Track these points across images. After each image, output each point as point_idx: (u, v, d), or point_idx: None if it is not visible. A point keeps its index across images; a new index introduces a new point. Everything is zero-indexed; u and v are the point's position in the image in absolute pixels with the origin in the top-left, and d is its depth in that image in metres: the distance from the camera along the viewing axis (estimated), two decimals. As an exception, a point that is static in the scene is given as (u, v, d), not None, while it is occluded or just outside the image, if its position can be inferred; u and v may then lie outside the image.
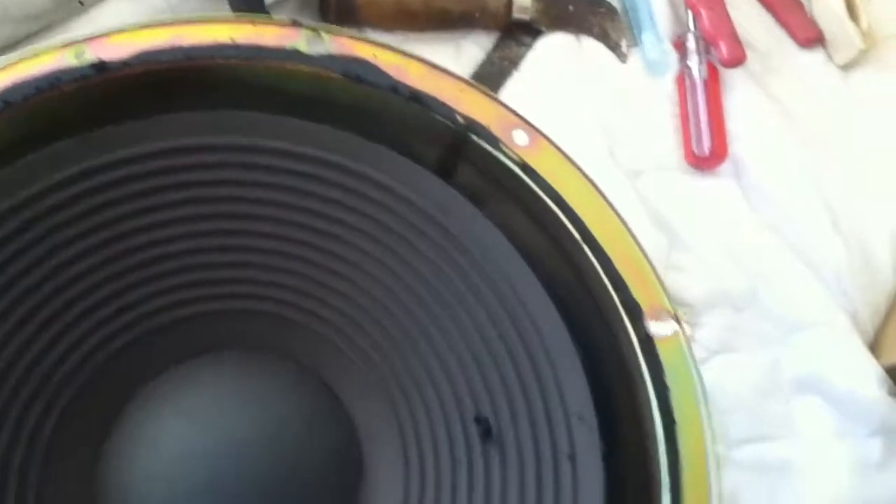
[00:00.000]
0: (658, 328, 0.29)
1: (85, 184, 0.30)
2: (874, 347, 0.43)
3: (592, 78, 0.45)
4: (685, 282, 0.43)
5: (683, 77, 0.46)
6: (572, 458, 0.28)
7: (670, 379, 0.29)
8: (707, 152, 0.44)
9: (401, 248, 0.31)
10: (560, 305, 0.30)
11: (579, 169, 0.31)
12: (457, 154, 0.32)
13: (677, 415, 0.29)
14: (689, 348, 0.29)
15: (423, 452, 0.31)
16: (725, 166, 0.44)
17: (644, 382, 0.29)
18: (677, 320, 0.30)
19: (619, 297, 0.30)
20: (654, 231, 0.43)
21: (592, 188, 0.31)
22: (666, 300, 0.30)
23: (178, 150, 0.31)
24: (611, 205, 0.30)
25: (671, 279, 0.42)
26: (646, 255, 0.30)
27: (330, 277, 0.32)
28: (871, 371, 0.41)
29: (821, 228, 0.43)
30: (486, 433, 0.30)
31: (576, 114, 0.44)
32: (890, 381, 0.41)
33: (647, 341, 0.29)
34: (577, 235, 0.30)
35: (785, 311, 0.42)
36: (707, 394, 0.29)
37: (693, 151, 0.44)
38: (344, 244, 0.31)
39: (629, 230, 0.30)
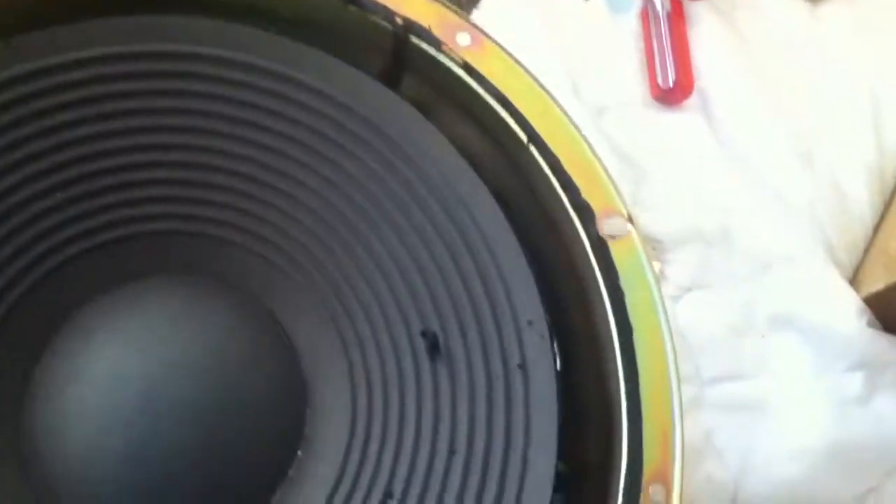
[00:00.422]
0: (610, 229, 0.28)
1: (12, 93, 0.29)
2: (853, 282, 0.41)
3: (554, 16, 0.44)
4: (654, 218, 0.41)
5: (647, 12, 0.45)
6: (523, 367, 0.27)
7: (625, 282, 0.28)
8: (672, 84, 0.43)
9: (340, 158, 0.29)
10: (508, 211, 0.29)
11: (526, 70, 0.29)
12: (400, 63, 0.31)
13: (634, 320, 0.27)
14: (644, 250, 0.28)
15: (370, 373, 0.29)
16: (692, 101, 0.43)
17: (597, 287, 0.28)
18: (631, 221, 0.28)
19: (568, 198, 0.28)
20: (621, 167, 0.41)
21: (540, 89, 0.29)
22: (618, 201, 0.28)
23: (106, 59, 0.29)
24: (560, 106, 0.29)
25: (639, 217, 0.41)
26: (597, 156, 0.29)
27: (268, 193, 0.30)
28: (849, 302, 0.39)
29: (790, 162, 0.42)
30: (434, 348, 0.28)
31: (537, 51, 0.43)
32: (870, 313, 0.40)
33: (600, 244, 0.28)
34: (523, 137, 0.29)
35: (757, 247, 0.41)
36: (663, 298, 0.27)
37: (658, 84, 0.43)
38: (281, 157, 0.30)
39: (579, 132, 0.29)
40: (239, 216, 0.30)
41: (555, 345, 0.27)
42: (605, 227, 0.28)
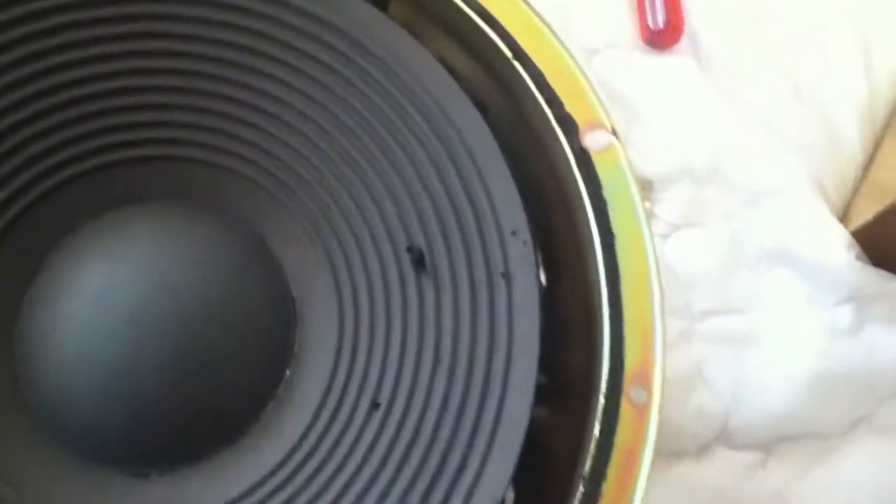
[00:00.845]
0: (593, 141, 0.28)
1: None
2: (842, 220, 0.41)
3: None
4: (645, 158, 0.41)
5: (637, -46, 0.45)
6: (507, 275, 0.27)
7: (608, 193, 0.28)
8: (662, 26, 0.43)
9: (326, 77, 0.30)
10: (493, 127, 0.29)
11: (508, -13, 0.30)
12: (386, -14, 0.31)
13: (616, 228, 0.28)
14: (627, 163, 0.28)
15: (357, 290, 0.29)
16: (682, 44, 0.43)
17: (580, 197, 0.28)
18: (615, 134, 0.28)
19: (552, 112, 0.28)
20: (611, 108, 0.41)
21: (523, 5, 0.29)
22: (602, 115, 0.28)
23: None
24: (545, 22, 0.29)
25: (630, 156, 0.41)
26: (582, 72, 0.29)
27: (253, 114, 0.30)
28: (838, 237, 0.40)
29: (781, 99, 0.42)
30: (419, 262, 0.28)
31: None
32: (858, 247, 0.40)
33: (583, 155, 0.28)
34: (508, 53, 0.29)
35: (748, 182, 0.41)
36: (646, 212, 0.28)
37: (648, 27, 0.43)
38: (266, 78, 0.30)
39: (564, 46, 0.29)
40: (226, 140, 0.31)
41: (538, 256, 0.28)
42: (589, 139, 0.28)
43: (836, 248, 0.39)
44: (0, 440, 0.28)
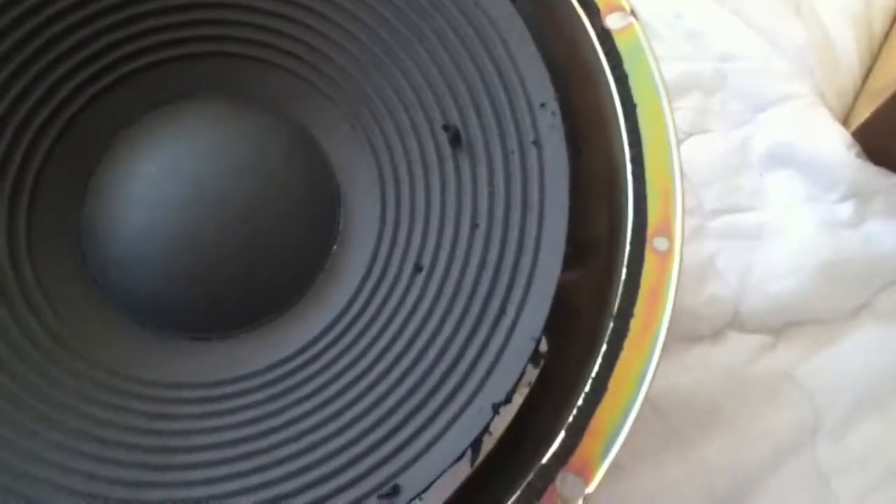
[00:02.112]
0: (614, 22, 0.30)
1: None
2: (843, 124, 0.43)
3: None
4: (655, 70, 0.43)
5: None
6: (537, 143, 0.29)
7: (629, 66, 0.30)
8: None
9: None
10: (519, 10, 0.31)
11: None
12: None
13: (637, 98, 0.30)
14: (646, 39, 0.30)
15: (398, 170, 0.32)
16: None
17: (602, 71, 0.30)
18: (633, 14, 0.31)
19: (576, -3, 0.31)
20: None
21: None
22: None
23: None
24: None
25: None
26: (600, -40, 0.31)
27: (295, 11, 0.32)
28: (838, 136, 0.42)
29: (783, 12, 0.44)
30: (455, 138, 0.31)
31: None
32: (858, 146, 0.42)
33: (604, 34, 0.31)
34: (532, -56, 0.31)
35: (753, 90, 0.43)
36: (663, 79, 0.30)
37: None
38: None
39: (583, -63, 0.31)
40: (271, 36, 0.33)
41: (565, 126, 0.30)
42: (609, 20, 0.30)
43: (836, 147, 0.42)
44: (71, 311, 0.31)
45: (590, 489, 0.25)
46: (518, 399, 0.28)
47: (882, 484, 0.36)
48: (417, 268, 0.30)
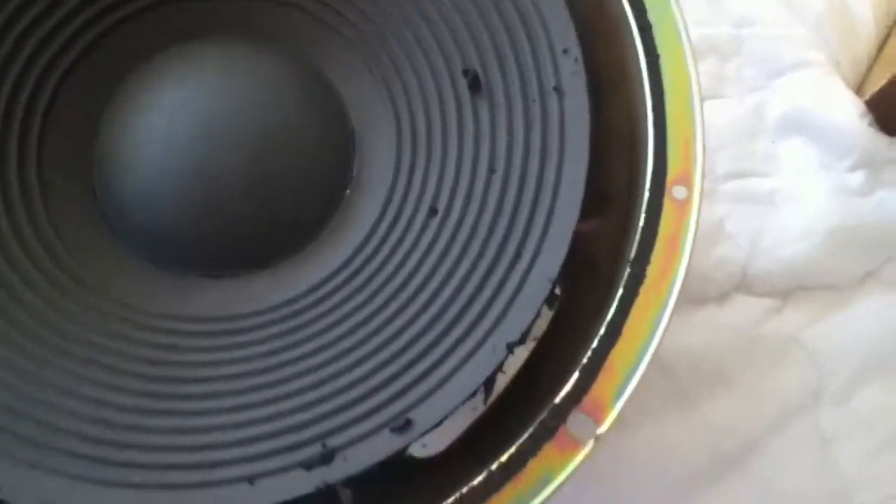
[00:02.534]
0: (639, -29, 0.30)
1: None
2: (857, 93, 0.43)
3: None
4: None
5: None
6: (559, 89, 0.29)
7: (652, 16, 0.30)
8: None
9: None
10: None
11: None
12: None
13: (660, 49, 0.30)
14: (670, -10, 0.30)
15: (415, 114, 0.31)
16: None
17: (626, 21, 0.30)
18: (658, -36, 0.30)
19: (600, -55, 0.31)
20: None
21: None
22: (646, -51, 0.31)
23: None
24: None
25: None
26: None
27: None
28: (852, 105, 0.42)
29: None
30: (475, 84, 0.31)
31: None
32: (871, 115, 0.42)
33: (629, -17, 0.30)
34: None
35: (769, 56, 0.43)
36: (688, 30, 0.30)
37: None
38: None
39: None
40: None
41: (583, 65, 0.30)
42: (633, -31, 0.30)
43: (850, 115, 0.41)
44: (82, 246, 0.31)
45: (601, 430, 0.26)
46: (531, 342, 0.28)
47: (885, 448, 0.36)
48: (432, 211, 0.30)
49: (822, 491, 0.36)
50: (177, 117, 0.31)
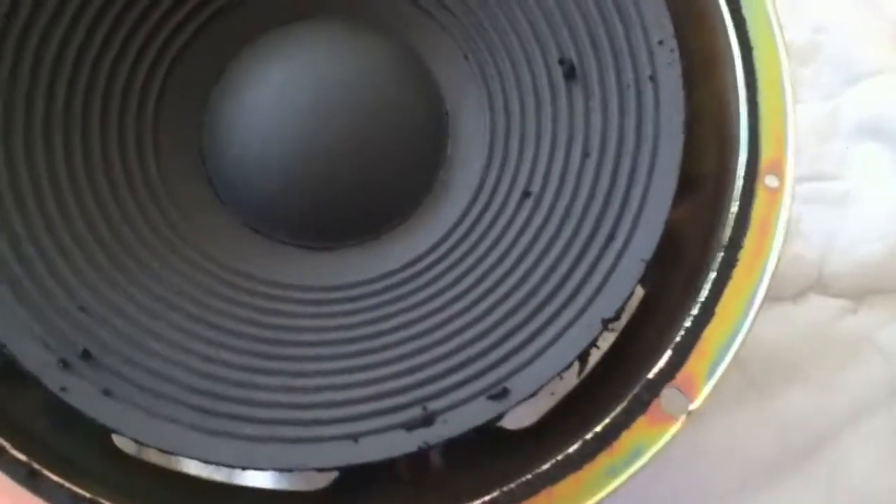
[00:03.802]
0: (734, -37, 0.31)
1: None
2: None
3: None
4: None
5: None
6: (654, 78, 0.30)
7: (746, 11, 0.31)
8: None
9: None
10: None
11: None
12: None
13: (754, 42, 0.31)
14: (764, -16, 0.31)
15: (508, 100, 0.32)
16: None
17: (721, 16, 0.31)
18: (752, -39, 0.31)
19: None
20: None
21: None
22: (741, -55, 0.32)
23: None
24: None
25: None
26: None
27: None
28: (931, 112, 0.42)
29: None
30: (570, 73, 0.32)
31: None
32: (950, 123, 0.42)
33: (724, -22, 0.31)
34: None
35: (846, 61, 0.43)
36: (780, 23, 0.31)
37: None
38: None
39: None
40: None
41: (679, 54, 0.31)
42: (728, -41, 0.31)
43: (929, 123, 0.42)
44: (190, 207, 0.32)
45: (693, 406, 0.26)
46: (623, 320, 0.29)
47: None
48: (526, 194, 0.31)
49: (892, 486, 0.36)
50: (284, 92, 0.32)
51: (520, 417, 0.29)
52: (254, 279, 0.31)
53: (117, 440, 0.29)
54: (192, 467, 0.30)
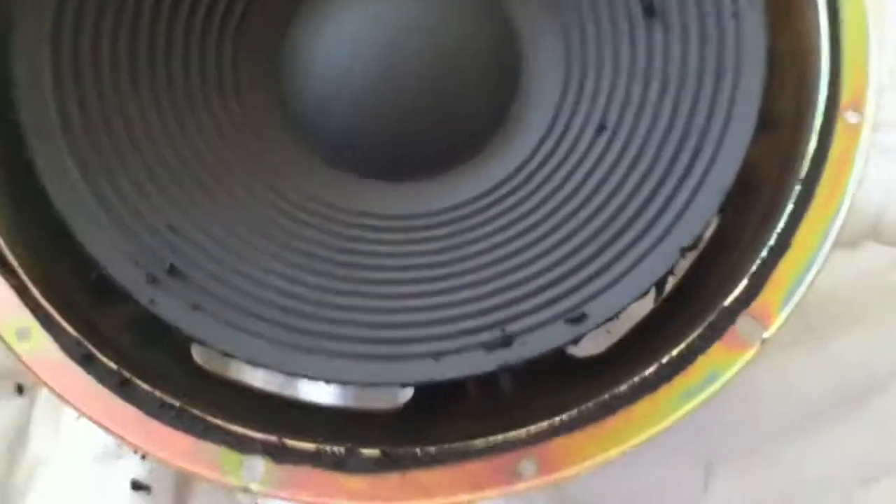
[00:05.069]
0: None
1: None
2: None
3: None
4: None
5: None
6: (736, 15, 0.30)
7: (831, -50, 0.31)
8: None
9: None
10: None
11: None
12: None
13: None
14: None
15: (584, 32, 0.32)
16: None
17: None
18: None
19: None
20: None
21: None
22: None
23: None
24: None
25: None
26: None
27: None
28: None
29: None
30: (649, 9, 0.32)
31: None
32: None
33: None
34: None
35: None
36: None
37: None
38: None
39: None
40: None
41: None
42: None
43: None
44: (274, 146, 0.33)
45: (768, 334, 0.27)
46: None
47: None
48: (601, 127, 0.31)
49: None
50: (362, 29, 0.33)
51: (588, 346, 0.30)
52: (333, 207, 0.31)
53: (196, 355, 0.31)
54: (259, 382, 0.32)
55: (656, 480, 0.35)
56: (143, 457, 0.33)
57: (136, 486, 0.33)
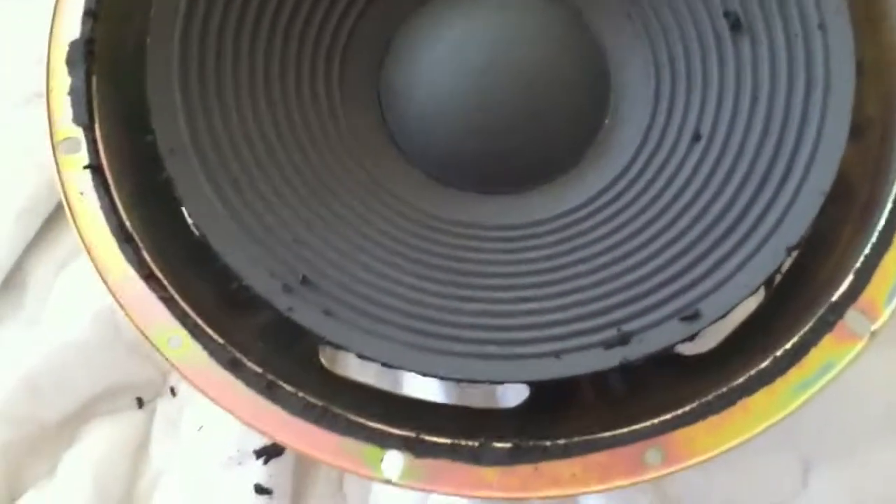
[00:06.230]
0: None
1: None
2: None
3: None
4: None
5: None
6: (822, 26, 0.32)
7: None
8: None
9: None
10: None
11: None
12: None
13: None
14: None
15: (672, 51, 0.34)
16: None
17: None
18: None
19: None
20: None
21: None
22: None
23: None
24: None
25: None
26: None
27: None
28: None
29: None
30: (736, 24, 0.33)
31: None
32: None
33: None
34: None
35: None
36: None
37: None
38: None
39: None
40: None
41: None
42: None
43: None
44: (378, 159, 0.35)
45: (875, 326, 0.28)
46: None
47: None
48: (696, 136, 0.33)
49: None
50: (460, 50, 0.35)
51: (691, 346, 0.32)
52: (440, 220, 0.33)
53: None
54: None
55: (756, 477, 0.36)
56: (266, 462, 0.35)
57: (259, 489, 0.35)
